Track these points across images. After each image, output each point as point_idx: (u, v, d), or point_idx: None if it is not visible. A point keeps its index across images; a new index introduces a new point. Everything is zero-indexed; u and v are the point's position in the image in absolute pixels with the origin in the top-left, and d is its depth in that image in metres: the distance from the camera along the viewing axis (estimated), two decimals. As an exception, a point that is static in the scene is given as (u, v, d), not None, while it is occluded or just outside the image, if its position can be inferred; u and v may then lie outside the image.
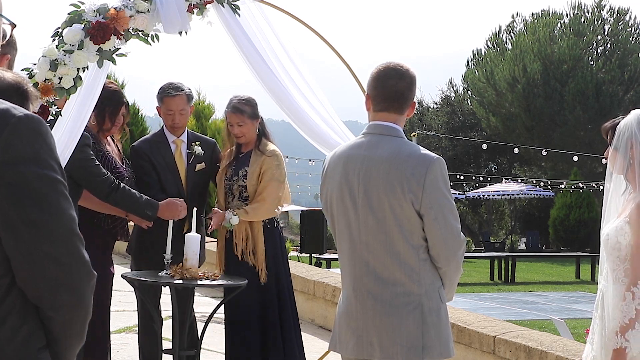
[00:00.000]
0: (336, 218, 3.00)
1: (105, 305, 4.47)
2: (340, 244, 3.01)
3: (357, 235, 2.92)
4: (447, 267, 2.93)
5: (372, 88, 3.00)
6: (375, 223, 2.88)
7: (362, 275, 2.92)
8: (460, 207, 37.34)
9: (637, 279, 3.04)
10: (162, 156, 4.71)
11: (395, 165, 2.87)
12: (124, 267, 5.80)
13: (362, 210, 2.90)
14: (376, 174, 2.88)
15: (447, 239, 2.87)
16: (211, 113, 14.23)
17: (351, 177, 2.93)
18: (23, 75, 2.13)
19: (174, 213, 4.45)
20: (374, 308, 2.89)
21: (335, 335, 3.04)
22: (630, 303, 3.02)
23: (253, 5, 4.16)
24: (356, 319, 2.94)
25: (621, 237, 3.09)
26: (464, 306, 11.68)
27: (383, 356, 2.88)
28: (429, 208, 2.84)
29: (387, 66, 3.01)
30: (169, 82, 4.77)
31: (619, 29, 32.10)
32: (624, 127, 3.15)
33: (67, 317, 1.70)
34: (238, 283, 4.35)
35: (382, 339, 2.87)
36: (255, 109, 4.69)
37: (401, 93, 2.97)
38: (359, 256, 2.92)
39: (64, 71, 3.67)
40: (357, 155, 2.95)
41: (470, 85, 34.47)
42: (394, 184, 2.85)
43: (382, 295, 2.88)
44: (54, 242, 1.63)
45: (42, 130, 1.67)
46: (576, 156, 22.67)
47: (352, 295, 2.96)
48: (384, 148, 2.92)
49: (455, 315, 5.88)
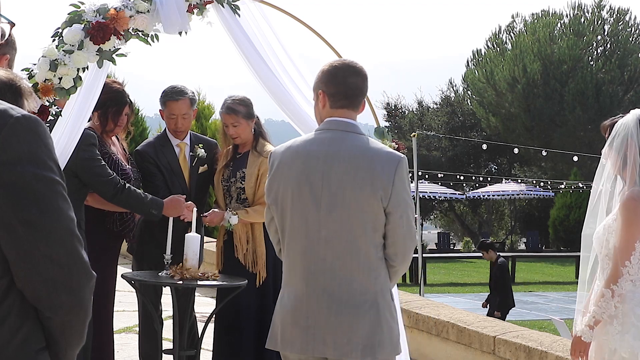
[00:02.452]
0: (289, 214, 2.93)
1: (109, 310, 4.49)
2: (292, 240, 2.94)
3: (316, 231, 2.88)
4: (401, 265, 2.97)
5: (331, 85, 2.97)
6: (339, 220, 2.86)
7: (317, 272, 2.88)
8: (460, 207, 37.36)
9: (618, 277, 3.03)
10: (167, 160, 4.71)
11: (364, 162, 2.87)
12: (124, 267, 5.80)
13: (325, 207, 2.86)
14: (342, 171, 2.87)
15: (406, 238, 2.92)
16: (211, 113, 14.23)
17: (313, 174, 2.89)
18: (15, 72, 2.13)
19: (178, 209, 4.44)
20: (329, 306, 2.85)
21: (276, 333, 2.97)
22: (610, 300, 3.02)
23: (253, 5, 4.16)
24: (307, 317, 2.88)
25: (609, 234, 3.09)
26: (464, 306, 11.68)
27: (337, 354, 2.85)
28: (396, 206, 2.87)
29: (343, 63, 3.02)
30: (172, 86, 4.75)
31: (619, 29, 32.09)
32: (621, 126, 3.15)
33: (66, 318, 1.69)
34: (238, 283, 4.34)
35: (337, 337, 2.84)
36: (250, 108, 4.66)
37: (360, 90, 3.00)
38: (316, 253, 2.88)
39: (64, 71, 3.66)
40: (318, 152, 2.91)
41: (470, 85, 34.46)
42: (363, 181, 2.85)
43: (339, 293, 2.86)
44: (52, 242, 1.62)
45: (40, 130, 1.67)
46: (576, 156, 22.65)
47: (303, 293, 2.90)
48: (349, 145, 2.91)
49: (455, 315, 5.88)
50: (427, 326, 5.96)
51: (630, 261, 3.01)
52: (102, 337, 4.39)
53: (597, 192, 3.27)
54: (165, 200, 4.42)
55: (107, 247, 4.47)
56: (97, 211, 4.37)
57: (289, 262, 2.99)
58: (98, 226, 4.37)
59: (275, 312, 3.01)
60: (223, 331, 4.63)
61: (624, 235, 3.01)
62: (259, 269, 4.57)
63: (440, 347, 5.83)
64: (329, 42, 4.26)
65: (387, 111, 37.75)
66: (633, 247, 3.01)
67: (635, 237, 3.01)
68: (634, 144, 3.09)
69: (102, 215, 4.43)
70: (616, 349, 3.00)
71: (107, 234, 4.48)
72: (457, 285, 17.78)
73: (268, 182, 3.02)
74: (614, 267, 3.04)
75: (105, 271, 4.35)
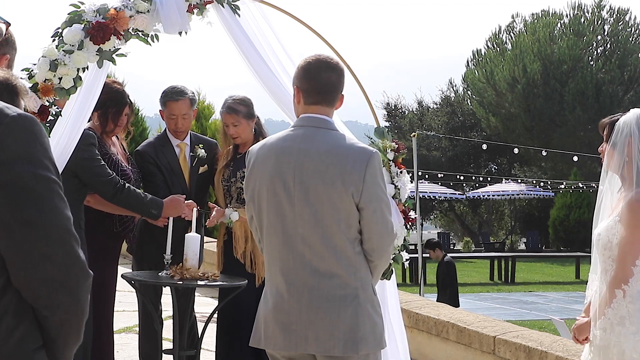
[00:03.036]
0: (265, 211, 2.93)
1: (110, 310, 4.49)
2: (270, 237, 2.94)
3: (293, 227, 2.88)
4: (379, 260, 2.96)
5: (304, 81, 2.97)
6: (313, 216, 2.86)
7: (297, 268, 2.88)
8: (460, 207, 37.38)
9: (628, 277, 3.02)
10: (168, 160, 4.71)
11: (335, 158, 2.87)
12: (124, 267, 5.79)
13: (298, 203, 2.87)
14: (314, 167, 2.87)
15: (382, 233, 2.90)
16: (211, 113, 14.23)
17: (285, 170, 2.89)
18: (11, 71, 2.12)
19: (178, 209, 4.44)
20: (310, 301, 2.85)
21: (259, 330, 2.97)
22: (622, 301, 3.01)
23: (253, 5, 4.16)
24: (288, 314, 2.88)
25: (612, 236, 3.08)
26: (464, 306, 11.68)
27: (319, 350, 2.86)
28: (368, 202, 2.86)
29: (317, 59, 3.00)
30: (172, 86, 4.75)
31: (619, 29, 32.11)
32: (622, 125, 3.13)
33: (63, 317, 1.69)
34: (238, 283, 4.34)
35: (319, 333, 2.84)
36: (250, 108, 4.66)
37: (334, 86, 2.98)
38: (294, 249, 2.88)
39: (64, 71, 3.66)
40: (291, 148, 2.92)
41: (470, 85, 34.47)
42: (334, 177, 2.85)
43: (319, 288, 2.86)
44: (49, 242, 1.62)
45: (35, 129, 1.67)
46: (576, 156, 22.68)
47: (283, 290, 2.89)
48: (320, 141, 2.91)
49: (455, 315, 5.88)
50: (427, 326, 5.96)
51: None
52: (103, 338, 4.39)
53: (601, 192, 3.26)
54: (165, 200, 4.41)
55: (107, 248, 4.47)
56: (97, 212, 4.37)
57: (269, 258, 2.99)
58: (98, 227, 4.37)
59: (259, 310, 3.01)
60: (223, 331, 4.63)
61: (629, 236, 3.00)
62: (258, 268, 4.57)
63: (440, 347, 5.83)
64: (329, 42, 4.26)
65: (387, 111, 37.78)
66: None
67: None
68: (634, 143, 3.08)
69: (102, 216, 4.43)
70: (625, 350, 2.99)
71: (107, 235, 4.48)
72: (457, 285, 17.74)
73: (245, 179, 3.05)
74: (621, 268, 3.02)
75: (105, 271, 4.35)
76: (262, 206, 2.95)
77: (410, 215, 4.20)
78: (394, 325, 4.13)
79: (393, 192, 4.11)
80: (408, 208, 4.21)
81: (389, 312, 4.13)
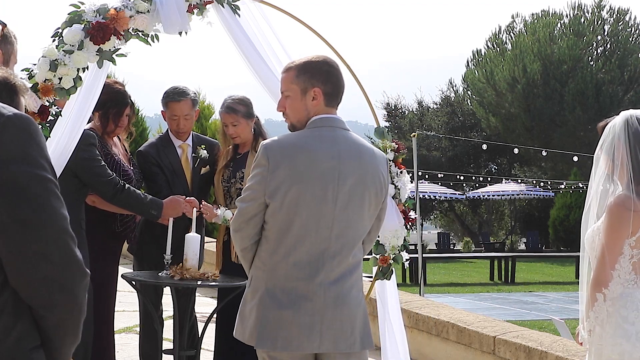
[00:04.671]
0: (298, 211, 2.86)
1: (110, 310, 4.48)
2: (298, 237, 2.88)
3: (328, 228, 2.90)
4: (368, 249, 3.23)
5: (329, 85, 3.01)
6: (352, 216, 2.94)
7: (324, 268, 2.89)
8: (461, 207, 37.36)
9: (608, 280, 3.02)
10: (170, 161, 4.71)
11: (372, 160, 3.02)
12: (125, 267, 5.80)
13: (340, 204, 2.91)
14: (358, 169, 2.96)
15: (374, 237, 3.21)
16: (211, 113, 14.22)
17: (328, 172, 2.90)
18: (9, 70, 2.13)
19: (178, 209, 4.44)
20: (335, 301, 2.91)
21: (272, 332, 2.87)
22: (602, 304, 3.01)
23: (253, 5, 4.16)
24: (312, 314, 2.87)
25: (597, 238, 3.09)
26: (464, 306, 11.68)
27: (344, 347, 2.92)
28: (384, 202, 3.12)
29: (335, 63, 3.09)
30: (174, 87, 4.74)
31: (619, 29, 32.08)
32: (610, 129, 3.14)
33: (61, 316, 1.69)
34: (238, 283, 4.34)
35: (342, 331, 2.92)
36: (249, 108, 4.65)
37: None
38: (325, 250, 2.90)
39: (64, 71, 3.66)
40: (330, 149, 2.93)
41: (470, 85, 34.45)
42: (376, 178, 3.00)
43: (341, 288, 2.93)
44: (46, 241, 1.62)
45: (31, 129, 1.67)
46: (576, 156, 22.65)
47: (304, 289, 2.87)
48: (352, 143, 3.01)
49: (455, 316, 5.88)
50: (427, 326, 5.97)
51: (621, 264, 3.02)
52: (103, 338, 4.39)
53: (590, 194, 3.28)
54: (164, 200, 4.41)
55: (108, 248, 4.47)
56: (99, 212, 4.37)
57: (290, 259, 2.90)
58: (99, 227, 4.36)
59: (261, 312, 2.90)
60: (223, 331, 4.63)
61: (608, 239, 3.01)
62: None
63: (440, 347, 5.83)
64: (329, 42, 4.26)
65: (387, 111, 37.75)
66: (620, 251, 3.01)
67: (620, 241, 3.00)
68: (621, 146, 3.08)
69: (104, 216, 4.43)
70: (603, 352, 3.00)
71: (108, 235, 4.48)
72: (457, 285, 17.76)
73: (267, 178, 2.88)
74: (600, 270, 3.03)
75: (106, 271, 4.35)
76: (293, 206, 2.86)
77: (410, 215, 4.20)
78: (394, 325, 4.14)
79: (393, 192, 4.11)
80: (408, 208, 4.21)
81: (389, 312, 4.13)
